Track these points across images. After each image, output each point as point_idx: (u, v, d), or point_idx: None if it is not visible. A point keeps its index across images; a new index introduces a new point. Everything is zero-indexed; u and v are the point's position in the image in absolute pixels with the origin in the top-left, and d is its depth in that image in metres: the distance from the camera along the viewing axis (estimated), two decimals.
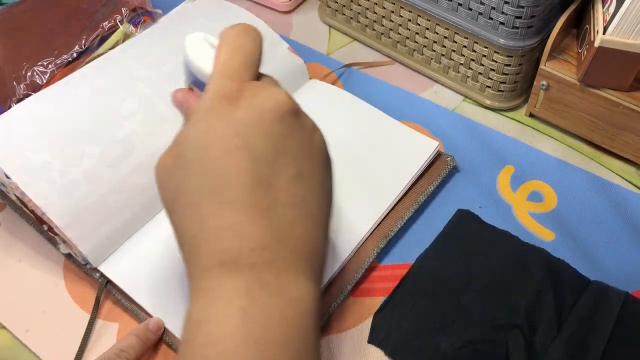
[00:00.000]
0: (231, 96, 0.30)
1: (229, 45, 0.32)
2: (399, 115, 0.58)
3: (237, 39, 0.32)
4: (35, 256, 0.50)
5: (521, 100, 0.60)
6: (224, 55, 0.31)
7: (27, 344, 0.45)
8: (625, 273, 0.47)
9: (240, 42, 0.32)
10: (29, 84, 0.56)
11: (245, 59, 0.31)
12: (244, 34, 0.32)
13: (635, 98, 0.50)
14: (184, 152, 0.30)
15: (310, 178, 0.31)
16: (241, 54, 0.31)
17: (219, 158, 0.29)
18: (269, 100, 0.30)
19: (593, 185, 0.53)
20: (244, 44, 0.32)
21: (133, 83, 0.50)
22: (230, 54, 0.31)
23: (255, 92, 0.30)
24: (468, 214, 0.51)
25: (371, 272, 0.48)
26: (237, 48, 0.31)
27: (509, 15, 0.52)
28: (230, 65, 0.31)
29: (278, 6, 0.72)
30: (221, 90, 0.30)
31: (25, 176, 0.44)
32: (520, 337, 0.43)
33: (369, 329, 0.45)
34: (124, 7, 0.61)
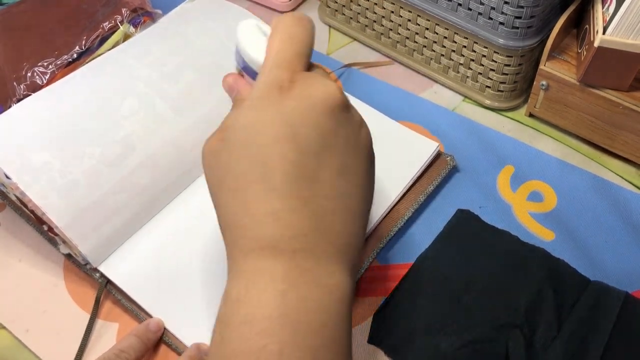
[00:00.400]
0: (283, 85, 0.30)
1: (282, 34, 0.32)
2: (399, 116, 0.58)
3: (290, 28, 0.32)
4: (35, 256, 0.50)
5: (521, 100, 0.60)
6: (277, 44, 0.31)
7: (27, 344, 0.45)
8: (625, 273, 0.47)
9: (294, 31, 0.32)
10: (29, 84, 0.56)
11: (298, 49, 0.31)
12: (297, 23, 0.32)
13: (635, 98, 0.50)
14: (233, 136, 0.30)
15: (353, 173, 0.31)
16: (294, 43, 0.31)
17: (267, 145, 0.29)
18: (320, 93, 0.30)
19: (593, 185, 0.53)
20: (297, 33, 0.32)
21: (133, 83, 0.50)
22: (283, 43, 0.31)
23: (307, 83, 0.30)
24: (468, 214, 0.51)
25: (371, 272, 0.48)
26: (290, 37, 0.31)
27: (508, 16, 0.52)
28: (283, 55, 0.31)
29: (278, 6, 0.72)
30: (274, 79, 0.30)
31: (25, 176, 0.44)
32: (520, 337, 0.43)
33: (369, 329, 0.45)
34: (124, 8, 0.61)
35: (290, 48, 0.31)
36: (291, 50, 0.31)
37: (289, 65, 0.31)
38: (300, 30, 0.32)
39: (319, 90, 0.30)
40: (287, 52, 0.31)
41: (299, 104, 0.30)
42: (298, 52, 0.31)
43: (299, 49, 0.31)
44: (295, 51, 0.31)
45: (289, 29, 0.32)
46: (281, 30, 0.32)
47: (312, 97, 0.30)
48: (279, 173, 0.29)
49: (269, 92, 0.30)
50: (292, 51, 0.31)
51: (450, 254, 0.48)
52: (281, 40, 0.31)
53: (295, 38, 0.32)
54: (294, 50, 0.31)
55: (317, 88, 0.30)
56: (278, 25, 0.32)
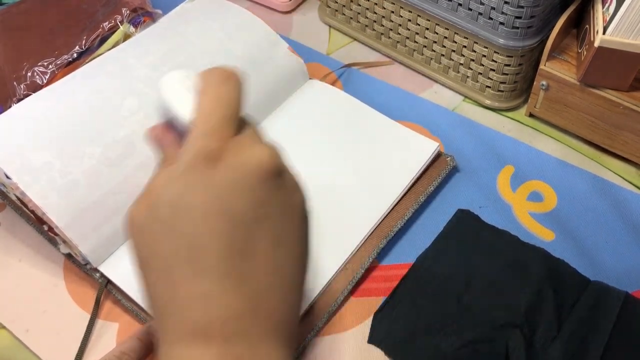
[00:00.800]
0: (212, 156, 0.28)
1: (210, 94, 0.30)
2: (399, 116, 0.58)
3: (217, 87, 0.30)
4: (35, 256, 0.50)
5: (521, 100, 0.60)
6: (205, 107, 0.30)
7: (27, 344, 0.45)
8: (625, 273, 0.47)
9: (221, 91, 0.30)
10: (29, 84, 0.56)
11: (227, 112, 0.30)
12: (224, 81, 0.31)
13: (635, 98, 0.50)
14: (159, 210, 0.28)
15: (288, 242, 0.30)
16: (222, 105, 0.30)
17: (196, 222, 0.27)
18: (251, 161, 0.28)
19: (593, 185, 0.53)
20: (225, 94, 0.30)
21: (133, 83, 0.50)
22: (211, 106, 0.30)
23: (237, 151, 0.29)
24: (468, 214, 0.51)
25: (371, 272, 0.48)
26: (218, 98, 0.30)
27: (508, 16, 0.52)
28: (211, 121, 0.29)
29: (278, 6, 0.72)
30: (201, 149, 0.28)
31: (26, 176, 0.44)
32: (520, 337, 0.43)
33: (369, 329, 0.45)
34: (124, 8, 0.61)
35: (218, 111, 0.29)
36: (220, 114, 0.29)
37: (217, 132, 0.29)
38: (228, 89, 0.30)
39: (249, 158, 0.28)
40: (216, 116, 0.29)
41: (230, 176, 0.28)
42: (227, 116, 0.30)
43: (227, 112, 0.30)
44: (224, 115, 0.30)
45: (216, 88, 0.30)
46: (208, 89, 0.30)
47: (242, 167, 0.28)
48: (210, 252, 0.27)
49: (197, 164, 0.28)
50: (220, 115, 0.29)
51: (450, 254, 0.48)
52: (209, 102, 0.30)
53: (224, 99, 0.30)
54: (222, 113, 0.30)
55: (247, 156, 0.28)
56: (206, 83, 0.31)
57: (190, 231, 0.27)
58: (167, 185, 0.29)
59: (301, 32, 0.69)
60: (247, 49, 0.56)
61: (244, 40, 0.56)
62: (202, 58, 0.53)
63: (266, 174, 0.29)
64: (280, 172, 0.30)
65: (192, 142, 0.29)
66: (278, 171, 0.29)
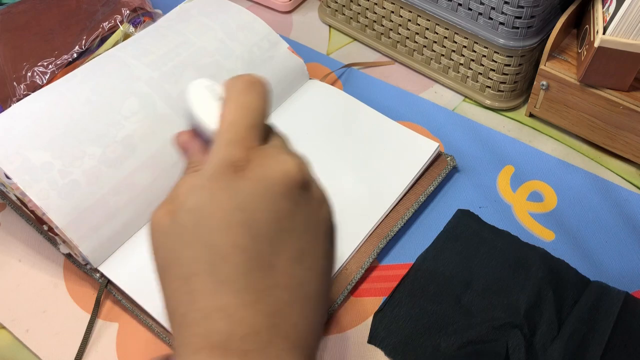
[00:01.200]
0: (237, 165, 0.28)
1: (234, 102, 0.30)
2: (399, 116, 0.58)
3: (243, 95, 0.30)
4: (35, 256, 0.50)
5: (521, 100, 0.60)
6: (229, 115, 0.29)
7: (27, 344, 0.45)
8: (625, 273, 0.47)
9: (247, 99, 0.30)
10: (29, 84, 0.56)
11: (252, 120, 0.29)
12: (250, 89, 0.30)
13: (635, 98, 0.50)
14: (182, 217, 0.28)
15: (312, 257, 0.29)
16: (248, 113, 0.29)
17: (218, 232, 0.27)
18: (277, 172, 0.28)
19: (593, 185, 0.53)
20: (251, 101, 0.30)
21: (134, 83, 0.50)
22: (236, 114, 0.29)
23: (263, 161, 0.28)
24: (468, 214, 0.51)
25: (371, 272, 0.48)
26: (244, 106, 0.29)
27: (508, 16, 0.52)
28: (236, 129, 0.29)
29: (278, 6, 0.72)
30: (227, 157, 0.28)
31: (26, 176, 0.44)
32: (520, 337, 0.43)
33: (369, 329, 0.45)
34: (124, 8, 0.61)
35: (243, 120, 0.29)
36: (245, 122, 0.29)
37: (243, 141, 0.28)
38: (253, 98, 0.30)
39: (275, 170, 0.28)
40: (241, 125, 0.29)
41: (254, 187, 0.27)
42: (252, 125, 0.29)
43: (253, 121, 0.29)
44: (249, 123, 0.29)
45: (241, 96, 0.30)
46: (234, 97, 0.30)
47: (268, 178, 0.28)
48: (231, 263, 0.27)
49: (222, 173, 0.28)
50: (246, 123, 0.29)
51: (450, 254, 0.48)
52: (234, 110, 0.29)
53: (249, 107, 0.30)
54: (248, 122, 0.29)
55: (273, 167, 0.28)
56: (230, 91, 0.30)
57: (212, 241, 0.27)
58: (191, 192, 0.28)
59: (301, 32, 0.69)
60: (247, 49, 0.56)
61: (244, 40, 0.56)
62: (202, 58, 0.53)
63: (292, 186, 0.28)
64: (306, 184, 0.29)
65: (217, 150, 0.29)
66: (304, 183, 0.29)
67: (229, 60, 0.54)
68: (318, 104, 0.58)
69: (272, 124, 0.32)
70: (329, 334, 0.45)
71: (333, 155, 0.54)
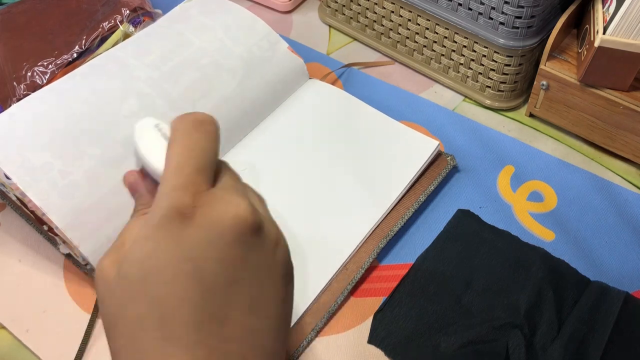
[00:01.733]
0: (184, 212, 0.26)
1: (180, 144, 0.28)
2: (399, 115, 0.58)
3: (189, 135, 0.28)
4: (35, 256, 0.50)
5: (521, 100, 0.60)
6: (175, 158, 0.28)
7: (27, 344, 0.45)
8: (625, 273, 0.47)
9: (193, 140, 0.28)
10: (29, 84, 0.56)
11: (200, 162, 0.27)
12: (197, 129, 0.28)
13: (635, 98, 0.50)
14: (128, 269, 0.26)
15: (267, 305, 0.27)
16: (195, 155, 0.28)
17: (165, 285, 0.25)
18: (226, 217, 0.26)
19: (593, 185, 0.53)
20: (197, 142, 0.28)
21: (133, 83, 0.50)
22: (181, 157, 0.27)
23: (211, 206, 0.26)
24: (468, 214, 0.51)
25: (371, 272, 0.48)
26: (190, 148, 0.28)
27: (508, 15, 0.52)
28: (182, 173, 0.27)
29: (278, 6, 0.72)
30: (172, 204, 0.26)
31: (26, 177, 0.44)
32: (520, 337, 0.43)
33: (369, 329, 0.45)
34: (124, 8, 0.61)
35: (190, 162, 0.27)
36: (191, 165, 0.27)
37: (189, 186, 0.27)
38: (201, 137, 0.28)
39: (224, 215, 0.26)
40: (187, 168, 0.27)
41: (202, 234, 0.26)
42: (199, 168, 0.27)
43: (199, 163, 0.27)
44: (195, 166, 0.27)
45: (188, 137, 0.28)
46: (180, 139, 0.28)
47: (216, 225, 0.26)
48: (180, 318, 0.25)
49: (168, 221, 0.26)
50: (193, 166, 0.27)
51: (450, 254, 0.48)
52: (180, 152, 0.28)
53: (196, 149, 0.28)
54: (195, 165, 0.27)
55: (222, 212, 0.26)
56: (176, 132, 0.28)
57: (159, 294, 0.25)
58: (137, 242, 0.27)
59: (301, 32, 0.69)
60: (246, 49, 0.56)
61: (244, 40, 0.56)
62: (202, 58, 0.53)
63: (242, 231, 0.26)
64: (258, 227, 0.27)
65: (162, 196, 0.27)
66: (256, 226, 0.27)
67: (228, 60, 0.54)
68: (318, 103, 0.58)
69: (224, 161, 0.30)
70: (329, 334, 0.45)
71: (333, 155, 0.54)
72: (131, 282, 0.26)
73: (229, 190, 0.28)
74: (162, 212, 0.26)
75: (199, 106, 0.51)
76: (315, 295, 0.46)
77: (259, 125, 0.56)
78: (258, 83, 0.55)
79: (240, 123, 0.54)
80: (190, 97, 0.51)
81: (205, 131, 0.29)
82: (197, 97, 0.52)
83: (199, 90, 0.52)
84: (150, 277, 0.26)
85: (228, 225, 0.26)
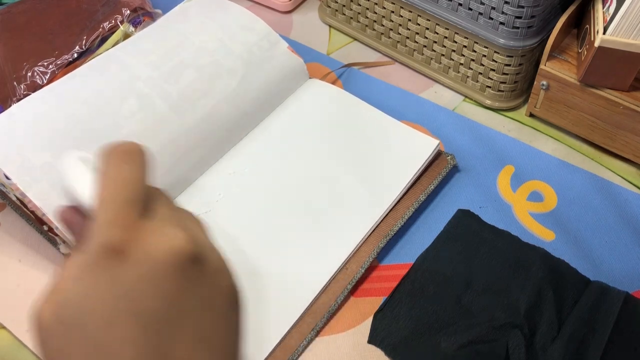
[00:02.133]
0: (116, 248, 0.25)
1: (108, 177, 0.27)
2: (399, 115, 0.58)
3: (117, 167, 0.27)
4: (35, 256, 0.50)
5: (521, 100, 0.60)
6: (104, 192, 0.26)
7: (27, 344, 0.45)
8: (625, 273, 0.47)
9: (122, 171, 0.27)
10: (29, 84, 0.56)
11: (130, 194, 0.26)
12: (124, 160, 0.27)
13: (635, 98, 0.50)
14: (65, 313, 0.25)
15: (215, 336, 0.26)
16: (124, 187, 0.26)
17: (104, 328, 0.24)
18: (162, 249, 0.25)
19: (593, 185, 0.53)
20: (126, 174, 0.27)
21: (133, 83, 0.50)
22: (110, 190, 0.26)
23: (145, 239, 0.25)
24: (468, 214, 0.51)
25: (371, 272, 0.48)
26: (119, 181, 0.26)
27: (509, 15, 0.52)
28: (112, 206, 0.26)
29: (278, 6, 0.72)
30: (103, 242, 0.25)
31: (26, 176, 0.44)
32: (521, 338, 0.43)
33: (369, 329, 0.45)
34: (124, 8, 0.61)
35: (119, 195, 0.26)
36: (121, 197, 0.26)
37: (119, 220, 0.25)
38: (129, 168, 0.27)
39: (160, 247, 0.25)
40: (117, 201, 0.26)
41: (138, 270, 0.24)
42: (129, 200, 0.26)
43: (130, 195, 0.26)
44: (125, 199, 0.26)
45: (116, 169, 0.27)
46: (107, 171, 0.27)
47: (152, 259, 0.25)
48: None
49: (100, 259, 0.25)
50: (122, 199, 0.26)
51: (450, 254, 0.48)
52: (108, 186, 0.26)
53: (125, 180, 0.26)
54: (124, 197, 0.26)
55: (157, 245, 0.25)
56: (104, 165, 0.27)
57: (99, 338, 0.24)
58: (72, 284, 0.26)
59: (301, 32, 0.69)
60: (246, 49, 0.56)
61: (244, 39, 0.56)
62: (201, 57, 0.53)
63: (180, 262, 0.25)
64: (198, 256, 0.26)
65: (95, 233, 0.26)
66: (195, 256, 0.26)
67: (228, 60, 0.54)
68: (317, 102, 0.58)
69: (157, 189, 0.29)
70: (329, 334, 0.45)
71: (333, 154, 0.54)
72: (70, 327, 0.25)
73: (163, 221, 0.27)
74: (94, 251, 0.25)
75: (199, 106, 0.51)
76: (315, 295, 0.46)
77: (259, 125, 0.56)
78: (258, 83, 0.55)
79: (240, 123, 0.54)
80: (190, 97, 0.51)
81: (133, 161, 0.27)
82: (197, 97, 0.52)
83: (199, 90, 0.52)
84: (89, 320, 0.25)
85: (164, 258, 0.25)
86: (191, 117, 0.51)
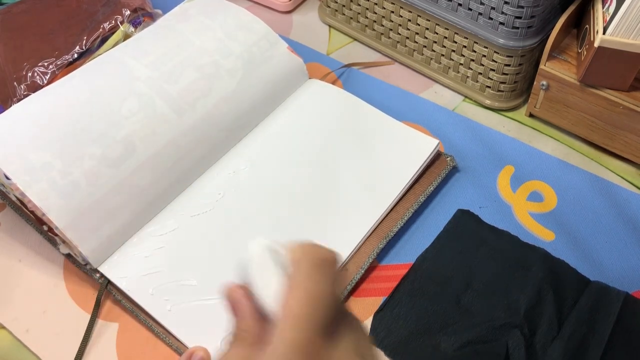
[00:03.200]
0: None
1: (300, 287, 0.25)
2: (399, 115, 0.58)
3: (310, 277, 0.25)
4: (35, 256, 0.50)
5: (521, 100, 0.60)
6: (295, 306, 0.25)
7: (27, 344, 0.45)
8: (625, 273, 0.47)
9: (314, 283, 0.25)
10: (29, 84, 0.56)
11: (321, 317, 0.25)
12: (318, 270, 0.25)
13: (635, 98, 0.50)
14: None
15: None
16: (315, 305, 0.25)
17: None
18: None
19: (593, 185, 0.53)
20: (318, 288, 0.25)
21: (133, 83, 0.50)
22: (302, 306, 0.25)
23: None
24: (468, 214, 0.51)
25: (371, 272, 0.48)
26: (311, 295, 0.25)
27: (508, 15, 0.52)
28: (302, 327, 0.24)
29: (278, 6, 0.72)
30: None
31: (26, 177, 0.44)
32: (520, 337, 0.43)
33: (369, 329, 0.45)
34: (124, 8, 0.61)
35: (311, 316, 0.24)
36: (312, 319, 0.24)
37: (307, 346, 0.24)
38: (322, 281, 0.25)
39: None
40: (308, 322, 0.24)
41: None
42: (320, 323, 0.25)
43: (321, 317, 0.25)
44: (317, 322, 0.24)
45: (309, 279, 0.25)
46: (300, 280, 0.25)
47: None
48: None
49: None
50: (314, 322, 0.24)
51: (450, 254, 0.48)
52: (300, 298, 0.25)
53: (316, 296, 0.25)
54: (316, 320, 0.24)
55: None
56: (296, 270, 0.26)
57: None
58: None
59: (301, 32, 0.69)
60: (246, 49, 0.56)
61: (244, 39, 0.56)
62: (201, 57, 0.53)
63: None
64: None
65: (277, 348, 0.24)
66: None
67: (228, 60, 0.54)
68: (317, 102, 0.58)
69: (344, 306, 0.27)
70: None
71: (333, 154, 0.54)
72: None
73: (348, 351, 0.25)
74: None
75: (199, 106, 0.51)
76: None
77: (259, 125, 0.56)
78: (258, 83, 0.55)
79: (240, 123, 0.54)
80: (190, 97, 0.51)
81: (325, 274, 0.26)
82: (197, 97, 0.52)
83: (199, 90, 0.52)
84: None
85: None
86: (191, 117, 0.51)
